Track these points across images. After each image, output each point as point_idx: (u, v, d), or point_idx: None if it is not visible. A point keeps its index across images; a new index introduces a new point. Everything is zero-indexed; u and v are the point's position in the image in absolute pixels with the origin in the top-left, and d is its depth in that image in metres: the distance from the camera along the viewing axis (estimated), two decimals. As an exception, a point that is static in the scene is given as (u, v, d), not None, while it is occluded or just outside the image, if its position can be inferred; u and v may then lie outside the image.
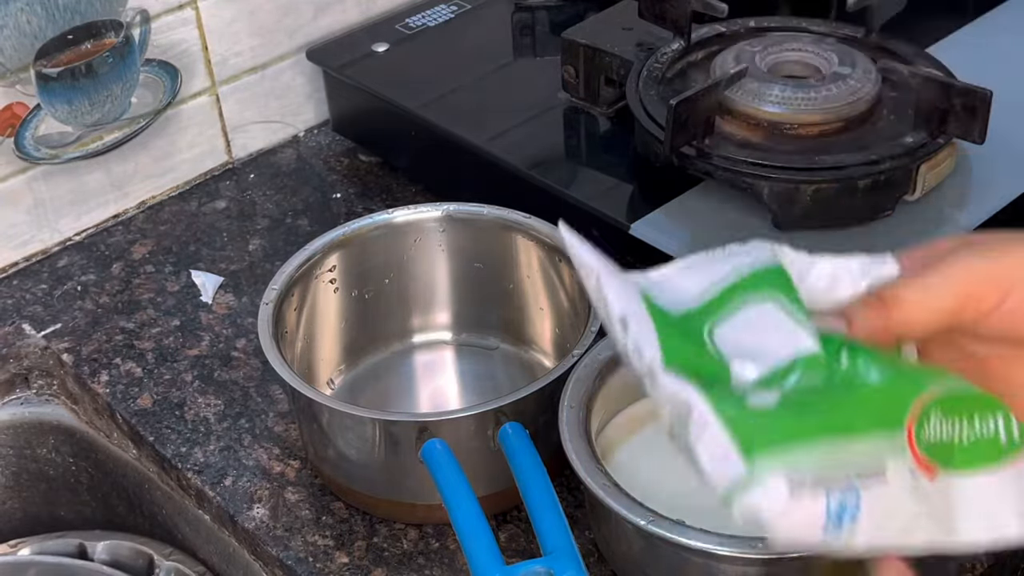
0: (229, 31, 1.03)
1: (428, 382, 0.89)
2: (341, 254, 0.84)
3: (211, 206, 1.04)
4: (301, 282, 0.82)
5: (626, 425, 0.76)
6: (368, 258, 0.86)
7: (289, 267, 0.81)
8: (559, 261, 0.83)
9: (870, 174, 0.81)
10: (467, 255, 0.87)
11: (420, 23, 1.09)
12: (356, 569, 0.75)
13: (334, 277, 0.84)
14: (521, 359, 0.88)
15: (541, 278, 0.85)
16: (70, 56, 0.95)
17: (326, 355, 0.86)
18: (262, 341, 0.77)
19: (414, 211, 0.86)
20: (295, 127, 1.11)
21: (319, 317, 0.85)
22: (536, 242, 0.84)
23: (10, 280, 0.98)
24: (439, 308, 0.89)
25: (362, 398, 0.86)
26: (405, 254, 0.86)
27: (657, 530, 0.64)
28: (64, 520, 0.95)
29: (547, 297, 0.86)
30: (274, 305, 0.79)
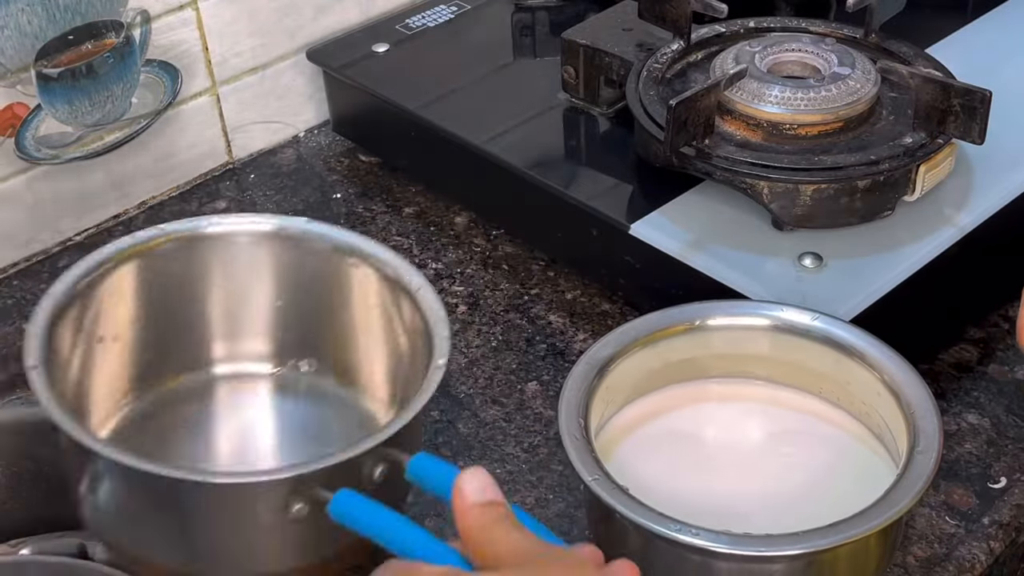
0: (229, 31, 1.03)
1: (228, 421, 0.77)
2: (130, 268, 0.73)
3: (211, 206, 1.04)
4: (67, 319, 0.70)
5: (626, 424, 0.76)
6: (162, 274, 0.74)
7: (40, 317, 0.69)
8: (399, 296, 0.74)
9: (869, 174, 0.81)
10: (291, 278, 0.77)
11: (420, 23, 1.09)
12: (356, 569, 0.75)
13: (99, 311, 0.72)
14: (345, 396, 0.78)
15: (378, 311, 0.76)
16: (71, 56, 0.95)
17: (100, 395, 0.74)
18: (44, 405, 0.65)
19: (233, 222, 0.75)
20: (295, 127, 1.11)
21: (94, 343, 0.73)
22: (376, 271, 0.75)
23: (10, 280, 0.98)
24: (250, 335, 0.78)
25: (146, 442, 0.74)
26: (210, 272, 0.75)
27: (659, 528, 0.64)
28: (64, 520, 0.95)
29: (382, 333, 0.76)
30: (42, 364, 0.67)
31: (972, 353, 0.86)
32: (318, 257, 0.76)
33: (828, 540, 0.63)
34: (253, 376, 0.78)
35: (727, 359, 0.76)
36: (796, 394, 0.76)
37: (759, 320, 0.75)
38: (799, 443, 0.75)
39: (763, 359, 0.76)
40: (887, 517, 0.64)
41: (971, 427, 0.81)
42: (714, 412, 0.76)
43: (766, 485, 0.72)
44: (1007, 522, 0.75)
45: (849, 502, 0.65)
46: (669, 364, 0.76)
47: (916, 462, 0.66)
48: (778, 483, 0.72)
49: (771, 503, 0.71)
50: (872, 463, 0.72)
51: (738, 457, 0.74)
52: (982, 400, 0.82)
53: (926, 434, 0.67)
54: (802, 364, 0.75)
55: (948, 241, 0.82)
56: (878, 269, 0.80)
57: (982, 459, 0.79)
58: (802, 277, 0.80)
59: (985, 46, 1.00)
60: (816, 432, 0.75)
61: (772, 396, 0.76)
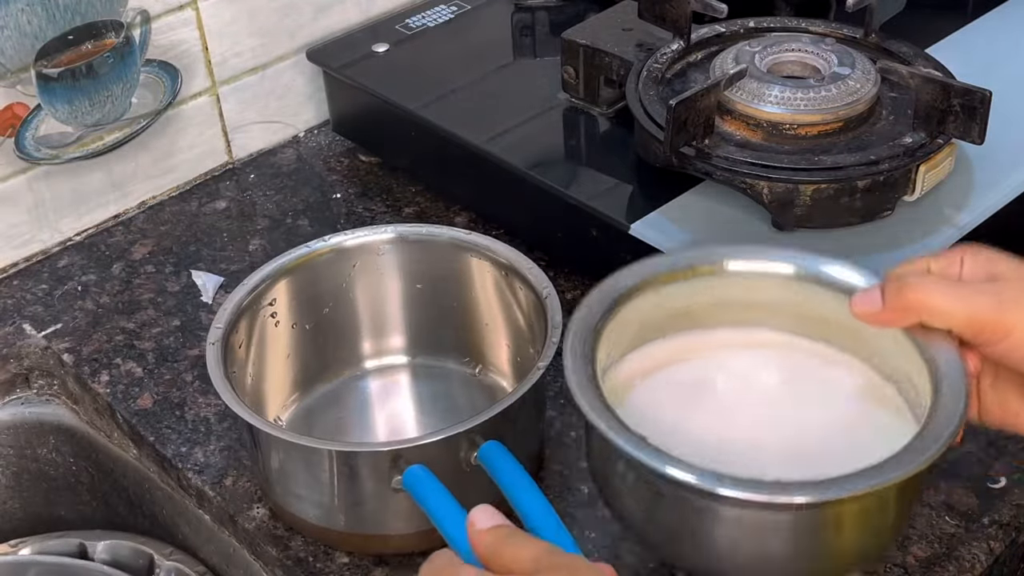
0: (229, 31, 1.03)
1: (383, 408, 0.87)
2: (284, 284, 0.82)
3: (211, 206, 1.04)
4: (246, 316, 0.80)
5: (633, 372, 0.72)
6: (311, 286, 0.84)
7: (231, 303, 0.79)
8: (513, 280, 0.81)
9: (869, 174, 0.81)
10: (416, 276, 0.85)
11: (420, 23, 1.09)
12: (356, 569, 0.75)
13: (275, 311, 0.82)
14: (477, 379, 0.87)
15: (496, 297, 0.84)
16: (70, 56, 0.95)
17: (275, 388, 0.84)
18: (214, 381, 0.74)
19: (364, 234, 0.84)
20: (295, 127, 1.11)
21: (266, 350, 0.82)
22: (490, 262, 0.83)
23: (10, 280, 0.98)
24: (391, 332, 0.87)
25: (316, 429, 0.84)
26: (347, 279, 0.84)
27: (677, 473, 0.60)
28: (64, 520, 0.95)
29: (502, 316, 0.84)
30: (220, 343, 0.76)
31: (972, 353, 0.86)
32: (439, 255, 0.84)
33: (840, 490, 0.59)
34: (396, 367, 0.88)
35: (740, 306, 0.73)
36: (812, 343, 0.72)
37: (778, 266, 0.72)
38: (815, 392, 0.71)
39: (779, 306, 0.72)
40: (906, 470, 0.60)
41: (971, 427, 0.80)
42: (727, 360, 0.73)
43: (781, 434, 0.69)
44: (1007, 522, 0.75)
45: (867, 454, 0.62)
46: (678, 310, 0.73)
47: (939, 413, 0.63)
48: (795, 432, 0.69)
49: (787, 453, 0.67)
50: (891, 415, 0.69)
51: (753, 406, 0.71)
52: (982, 400, 0.82)
53: (951, 382, 0.64)
54: (819, 312, 0.71)
55: (948, 241, 0.82)
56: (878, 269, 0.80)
57: (982, 459, 0.79)
58: (802, 277, 0.80)
59: (985, 46, 1.00)
60: (833, 381, 0.71)
61: (788, 343, 0.73)
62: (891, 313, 0.64)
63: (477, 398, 0.86)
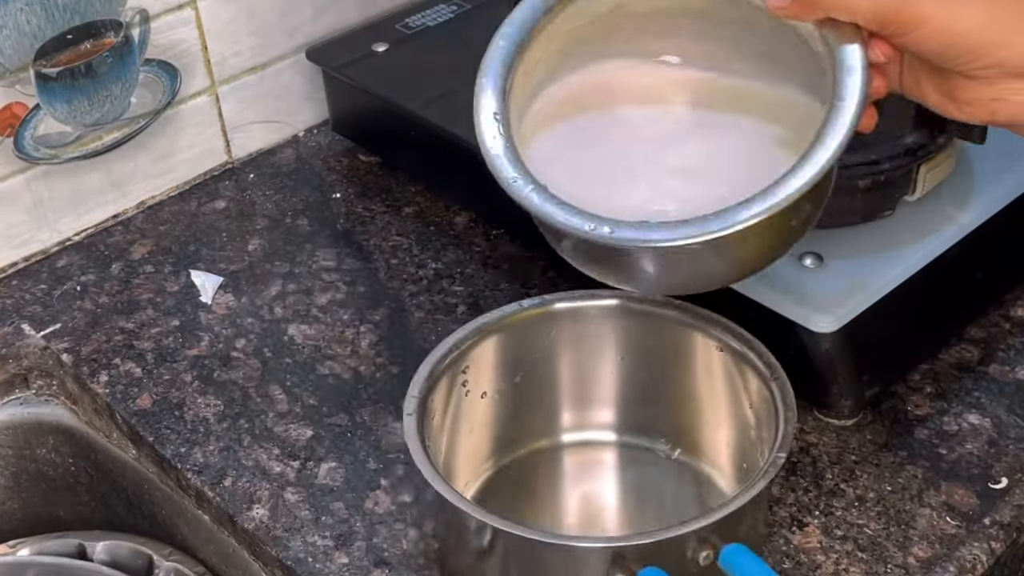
0: (229, 31, 1.03)
1: (576, 488, 0.81)
2: (479, 349, 0.77)
3: (211, 206, 1.04)
4: (442, 382, 0.75)
5: (548, 109, 0.72)
6: (505, 351, 0.78)
7: (426, 367, 0.74)
8: (745, 367, 0.75)
9: (870, 174, 0.81)
10: (624, 347, 0.79)
11: (420, 23, 1.09)
12: (356, 569, 0.75)
13: (467, 379, 0.77)
14: (676, 462, 0.80)
15: (724, 384, 0.77)
16: (69, 56, 0.95)
17: (465, 458, 0.79)
18: (414, 455, 0.69)
19: (579, 299, 0.78)
20: (295, 127, 1.11)
21: (460, 419, 0.78)
22: (719, 343, 0.76)
23: (9, 280, 0.98)
24: (597, 405, 0.81)
25: (499, 507, 0.77)
26: (561, 344, 0.79)
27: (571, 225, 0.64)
28: (63, 520, 0.95)
29: (721, 398, 0.78)
30: (416, 414, 0.72)
31: (973, 353, 0.86)
32: (661, 329, 0.78)
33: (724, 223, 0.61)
34: (598, 444, 0.81)
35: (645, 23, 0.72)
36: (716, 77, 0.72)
37: None
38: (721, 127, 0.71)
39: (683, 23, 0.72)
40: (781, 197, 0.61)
41: (972, 427, 0.81)
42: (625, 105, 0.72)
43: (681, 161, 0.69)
44: (1008, 522, 0.75)
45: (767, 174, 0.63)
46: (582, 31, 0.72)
47: (832, 115, 0.63)
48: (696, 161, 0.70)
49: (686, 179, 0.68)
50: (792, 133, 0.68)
51: (657, 141, 0.71)
52: (983, 400, 0.82)
53: (851, 81, 0.63)
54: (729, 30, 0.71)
55: (949, 241, 0.82)
56: (879, 269, 0.80)
57: (983, 459, 0.79)
58: (802, 277, 0.80)
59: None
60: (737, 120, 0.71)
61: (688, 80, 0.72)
62: (799, 6, 0.64)
63: (676, 483, 0.80)
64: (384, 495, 0.79)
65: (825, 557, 0.74)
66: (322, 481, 0.80)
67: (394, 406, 0.85)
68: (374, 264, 0.97)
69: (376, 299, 0.94)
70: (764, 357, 0.73)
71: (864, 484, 0.78)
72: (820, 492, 0.77)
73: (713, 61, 0.72)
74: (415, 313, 0.92)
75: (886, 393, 0.83)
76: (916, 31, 0.62)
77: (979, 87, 0.64)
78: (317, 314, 0.93)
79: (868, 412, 0.82)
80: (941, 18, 0.61)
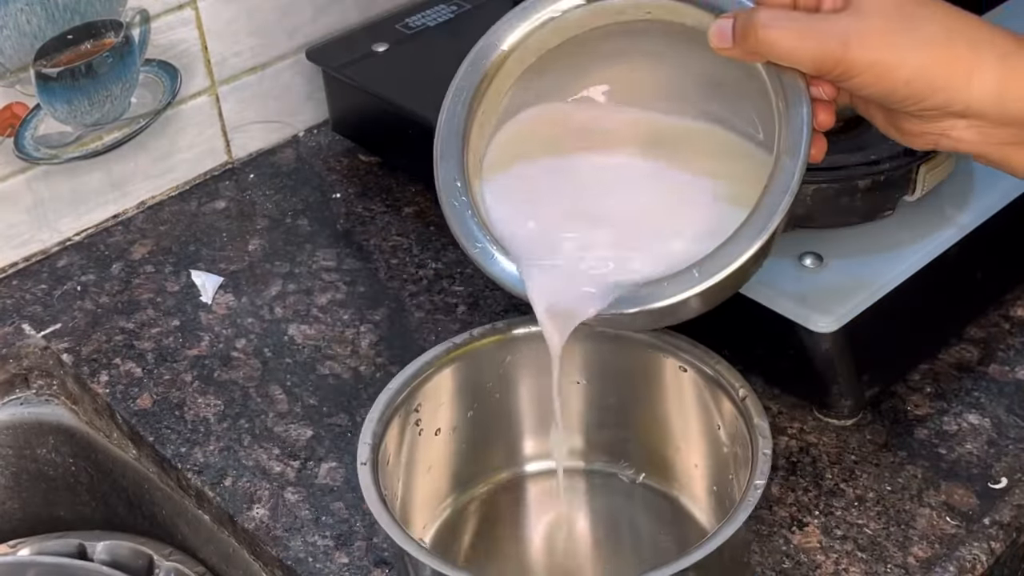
0: (229, 31, 1.03)
1: (539, 522, 0.78)
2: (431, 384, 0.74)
3: (211, 206, 1.04)
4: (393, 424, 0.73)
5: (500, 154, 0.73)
6: (457, 383, 0.76)
7: (376, 412, 0.72)
8: (715, 389, 0.73)
9: (870, 174, 0.81)
10: (601, 375, 0.77)
11: (420, 23, 1.09)
12: (356, 569, 0.75)
13: (419, 417, 0.75)
14: (659, 497, 0.78)
15: (693, 406, 0.75)
16: (70, 56, 0.95)
17: (423, 499, 0.77)
18: (371, 507, 0.67)
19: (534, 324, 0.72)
20: (295, 127, 1.11)
21: (416, 460, 0.75)
22: (685, 364, 0.74)
23: (10, 280, 0.98)
24: (544, 433, 0.78)
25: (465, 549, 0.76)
26: (517, 371, 0.76)
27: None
28: (64, 520, 0.95)
29: (697, 428, 0.75)
30: (370, 463, 0.69)
31: (973, 353, 0.86)
32: (624, 351, 0.76)
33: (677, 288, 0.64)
34: (550, 474, 0.79)
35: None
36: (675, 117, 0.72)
37: None
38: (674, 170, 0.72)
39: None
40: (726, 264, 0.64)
41: (972, 427, 0.81)
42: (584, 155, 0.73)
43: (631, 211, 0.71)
44: (1008, 522, 0.75)
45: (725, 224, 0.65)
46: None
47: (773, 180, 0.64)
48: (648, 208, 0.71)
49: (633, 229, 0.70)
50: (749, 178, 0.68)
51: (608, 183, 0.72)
52: (983, 400, 0.82)
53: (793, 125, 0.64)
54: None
55: (949, 241, 0.82)
56: (878, 269, 0.80)
57: (983, 459, 0.79)
58: (802, 277, 0.80)
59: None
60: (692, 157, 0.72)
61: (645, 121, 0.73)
62: (740, 51, 0.65)
63: (647, 510, 0.78)
64: (384, 495, 0.79)
65: (825, 557, 0.74)
66: (322, 481, 0.80)
67: (394, 406, 0.85)
68: (374, 264, 0.97)
69: (376, 299, 0.94)
70: (733, 377, 0.72)
71: (864, 484, 0.78)
72: (820, 492, 0.77)
73: (661, 93, 0.72)
74: (415, 313, 0.92)
75: (886, 393, 0.83)
76: (858, 77, 0.62)
77: (923, 123, 0.65)
78: (317, 314, 0.93)
79: (868, 412, 0.82)
80: (883, 65, 0.62)
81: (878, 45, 0.62)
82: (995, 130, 0.64)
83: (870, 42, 0.62)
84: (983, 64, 0.62)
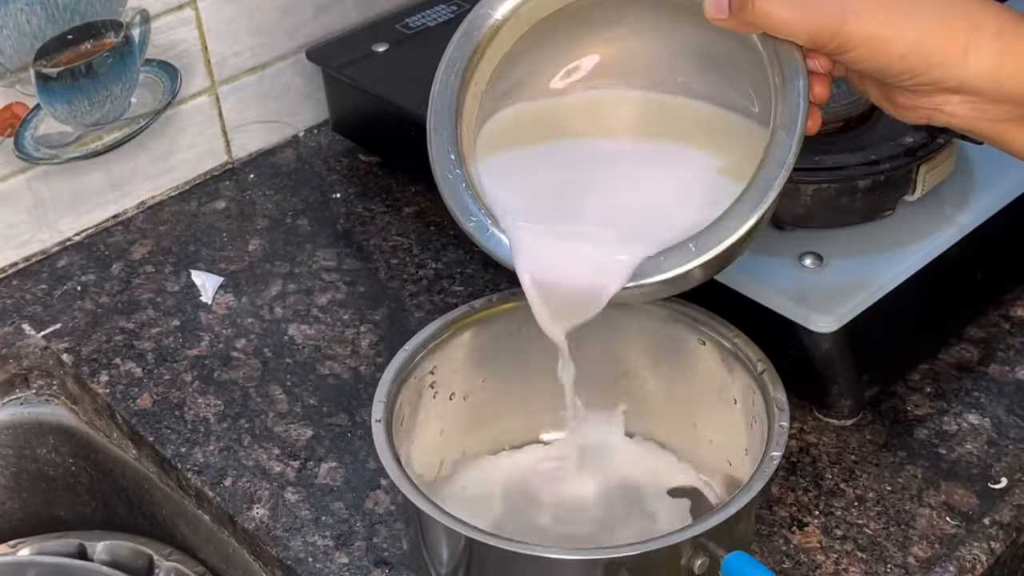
0: (229, 31, 1.03)
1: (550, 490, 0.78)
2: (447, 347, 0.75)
3: (211, 206, 1.04)
4: (409, 385, 0.73)
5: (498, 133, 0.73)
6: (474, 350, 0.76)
7: (391, 372, 0.72)
8: (732, 361, 0.73)
9: (870, 174, 0.81)
10: (614, 343, 0.77)
11: (420, 23, 1.09)
12: (356, 569, 0.75)
13: (435, 380, 0.75)
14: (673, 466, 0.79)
15: (709, 379, 0.75)
16: (70, 56, 0.95)
17: (429, 462, 0.77)
18: (385, 464, 0.67)
19: None
20: (295, 127, 1.11)
21: (429, 422, 0.75)
22: (703, 337, 0.74)
23: (10, 280, 0.98)
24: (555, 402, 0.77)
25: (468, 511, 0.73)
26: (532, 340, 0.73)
27: None
28: (64, 520, 0.95)
29: (713, 401, 0.76)
30: (384, 421, 0.69)
31: (973, 353, 0.86)
32: (642, 323, 0.76)
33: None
34: (580, 442, 0.78)
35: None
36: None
37: None
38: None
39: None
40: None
41: (972, 427, 0.81)
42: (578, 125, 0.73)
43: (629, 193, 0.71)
44: (1008, 522, 0.75)
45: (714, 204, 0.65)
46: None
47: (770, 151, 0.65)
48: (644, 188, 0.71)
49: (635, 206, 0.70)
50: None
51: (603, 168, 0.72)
52: (983, 400, 0.82)
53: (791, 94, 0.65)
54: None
55: (949, 241, 0.82)
56: (878, 269, 0.80)
57: (983, 459, 0.79)
58: (802, 277, 0.80)
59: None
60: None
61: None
62: (736, 23, 0.65)
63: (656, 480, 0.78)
64: (384, 495, 0.79)
65: (825, 557, 0.74)
66: (322, 481, 0.81)
67: (394, 406, 0.85)
68: (374, 264, 0.97)
69: (376, 299, 0.94)
70: (751, 350, 0.72)
71: (864, 484, 0.78)
72: (820, 492, 0.77)
73: (653, 65, 0.72)
74: (415, 313, 0.92)
75: (886, 393, 0.83)
76: (854, 51, 0.63)
77: (917, 98, 0.65)
78: (317, 314, 0.93)
79: (868, 412, 0.82)
80: (878, 39, 0.62)
81: (874, 19, 0.62)
82: (989, 106, 0.64)
83: (867, 16, 0.62)
84: (979, 40, 0.62)
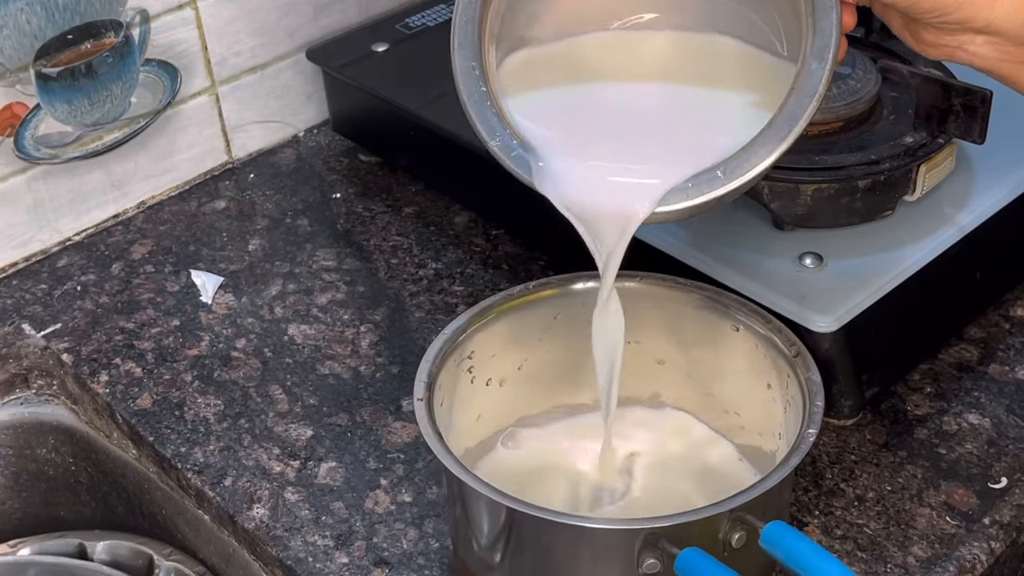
0: (229, 31, 1.03)
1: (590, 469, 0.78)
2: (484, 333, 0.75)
3: (211, 206, 1.04)
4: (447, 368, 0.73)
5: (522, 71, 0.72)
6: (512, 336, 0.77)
7: (431, 354, 0.73)
8: (767, 348, 0.74)
9: (870, 174, 0.81)
10: (650, 331, 0.77)
11: (420, 23, 1.09)
12: (356, 569, 0.75)
13: (472, 365, 0.75)
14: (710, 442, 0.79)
15: (743, 364, 0.76)
16: (70, 56, 0.95)
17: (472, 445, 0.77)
18: (428, 440, 0.68)
19: (593, 280, 0.75)
20: (295, 127, 1.11)
21: (467, 406, 0.76)
22: (737, 324, 0.75)
23: (10, 280, 0.98)
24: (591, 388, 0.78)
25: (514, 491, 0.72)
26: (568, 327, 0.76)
27: None
28: (64, 520, 0.95)
29: (747, 386, 0.76)
30: (426, 400, 0.70)
31: (973, 353, 0.86)
32: (678, 310, 0.77)
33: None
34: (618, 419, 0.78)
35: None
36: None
37: None
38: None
39: None
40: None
41: (972, 427, 0.81)
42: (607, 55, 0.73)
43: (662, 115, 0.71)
44: (1008, 522, 0.75)
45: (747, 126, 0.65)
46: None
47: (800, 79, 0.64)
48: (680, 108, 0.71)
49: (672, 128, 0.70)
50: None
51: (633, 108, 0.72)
52: (983, 400, 0.82)
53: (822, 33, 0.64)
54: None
55: (948, 241, 0.82)
56: (878, 269, 0.80)
57: (983, 459, 0.79)
58: (802, 277, 0.80)
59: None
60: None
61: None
62: None
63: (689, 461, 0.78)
64: (384, 495, 0.79)
65: (825, 557, 0.74)
66: (322, 481, 0.81)
67: (394, 406, 0.85)
68: (374, 264, 0.97)
69: (376, 299, 0.94)
70: (785, 335, 0.73)
71: (864, 484, 0.78)
72: (820, 492, 0.77)
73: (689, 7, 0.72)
74: (415, 313, 0.92)
75: (886, 393, 0.83)
76: None
77: (942, 35, 0.67)
78: (317, 314, 0.93)
79: (868, 412, 0.82)
80: None
81: None
82: (1012, 48, 0.66)
83: None
84: None
